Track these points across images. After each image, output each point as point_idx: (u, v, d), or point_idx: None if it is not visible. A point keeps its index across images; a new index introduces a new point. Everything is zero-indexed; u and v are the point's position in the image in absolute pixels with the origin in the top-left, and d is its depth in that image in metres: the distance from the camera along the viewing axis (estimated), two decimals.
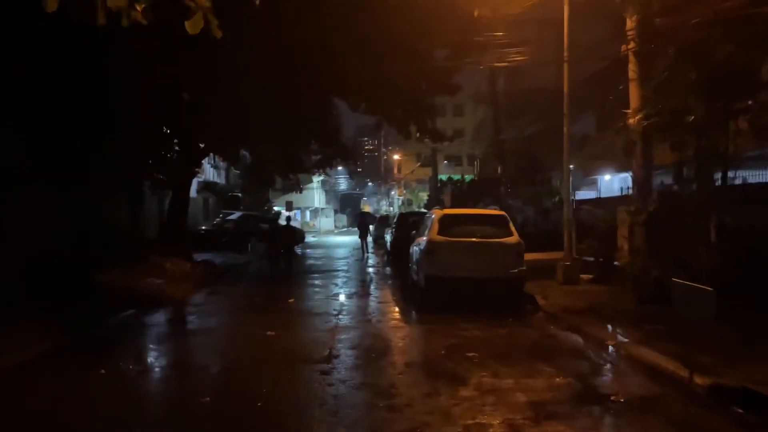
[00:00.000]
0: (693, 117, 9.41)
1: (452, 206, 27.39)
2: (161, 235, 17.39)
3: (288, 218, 18.90)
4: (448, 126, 41.91)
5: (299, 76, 13.79)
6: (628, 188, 19.07)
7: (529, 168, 25.20)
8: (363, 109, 18.54)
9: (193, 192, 26.77)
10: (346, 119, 29.31)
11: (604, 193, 22.94)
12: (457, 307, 10.06)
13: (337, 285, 14.33)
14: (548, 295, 10.87)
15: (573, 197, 20.43)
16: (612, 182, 23.26)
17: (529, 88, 25.81)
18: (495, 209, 12.69)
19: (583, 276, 12.41)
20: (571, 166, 14.05)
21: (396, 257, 19.27)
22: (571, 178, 14.18)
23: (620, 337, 7.55)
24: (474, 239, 10.17)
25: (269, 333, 8.32)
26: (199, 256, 20.04)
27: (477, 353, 7.05)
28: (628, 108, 10.94)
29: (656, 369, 6.22)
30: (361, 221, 25.36)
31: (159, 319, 9.93)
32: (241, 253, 22.66)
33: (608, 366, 6.88)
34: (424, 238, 10.80)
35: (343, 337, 8.22)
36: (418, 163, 53.60)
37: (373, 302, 11.81)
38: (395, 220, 21.00)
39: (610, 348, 7.35)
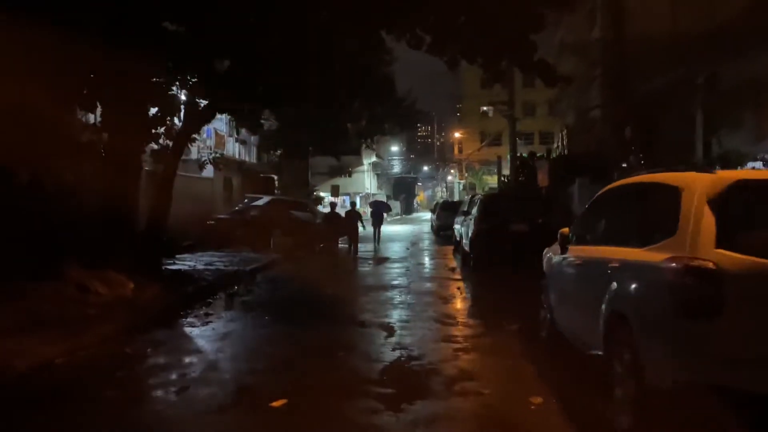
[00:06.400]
0: None
1: (549, 186, 20.32)
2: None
3: (353, 204, 15.43)
4: (517, 99, 34.94)
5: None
6: None
7: (658, 132, 18.17)
8: (427, 46, 12.22)
9: (194, 169, 20.27)
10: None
11: None
12: None
13: (383, 339, 6.88)
14: None
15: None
16: None
17: (639, 36, 19.60)
18: None
19: None
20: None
21: (479, 262, 13.35)
22: None
23: None
24: None
25: None
26: (196, 259, 14.20)
27: None
28: None
29: None
30: (375, 210, 24.54)
31: None
32: (259, 251, 16.40)
33: None
34: (662, 256, 3.49)
35: None
36: (484, 143, 46.19)
37: None
38: (478, 206, 13.94)
39: None
